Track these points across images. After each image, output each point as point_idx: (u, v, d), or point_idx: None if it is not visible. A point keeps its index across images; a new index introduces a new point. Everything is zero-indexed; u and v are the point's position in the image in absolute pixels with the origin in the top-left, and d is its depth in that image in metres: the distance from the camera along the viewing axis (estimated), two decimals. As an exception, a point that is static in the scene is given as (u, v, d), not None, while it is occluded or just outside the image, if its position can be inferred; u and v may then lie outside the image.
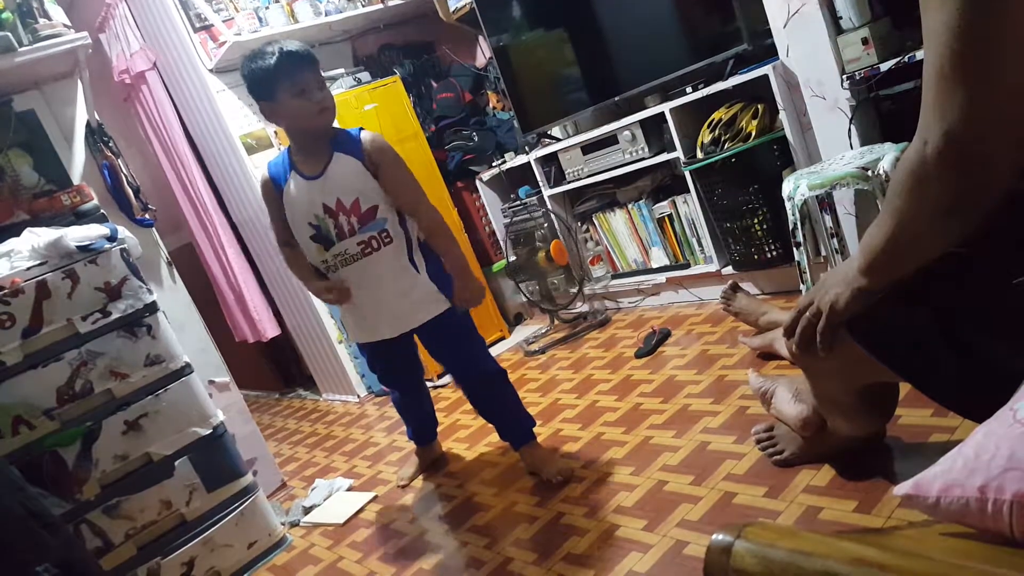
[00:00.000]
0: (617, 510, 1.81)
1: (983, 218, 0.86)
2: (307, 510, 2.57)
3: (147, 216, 2.98)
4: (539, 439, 2.37)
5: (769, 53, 2.57)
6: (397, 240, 2.01)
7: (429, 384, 3.46)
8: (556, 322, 3.58)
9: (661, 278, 3.21)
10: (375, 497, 2.48)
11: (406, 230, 2.04)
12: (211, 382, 2.83)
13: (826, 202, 2.50)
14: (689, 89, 2.78)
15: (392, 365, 2.34)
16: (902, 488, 0.83)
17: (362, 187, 1.96)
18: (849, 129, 2.38)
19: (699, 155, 2.74)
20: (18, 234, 2.20)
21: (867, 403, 1.40)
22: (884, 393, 1.43)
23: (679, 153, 2.85)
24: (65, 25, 2.59)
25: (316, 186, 1.96)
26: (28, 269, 2.07)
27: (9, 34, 2.41)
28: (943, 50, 0.78)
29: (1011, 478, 0.72)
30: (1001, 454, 0.74)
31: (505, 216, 3.68)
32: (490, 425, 2.31)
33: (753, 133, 2.60)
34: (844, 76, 2.31)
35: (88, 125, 2.90)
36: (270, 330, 3.87)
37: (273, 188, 2.06)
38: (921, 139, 0.83)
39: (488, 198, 3.77)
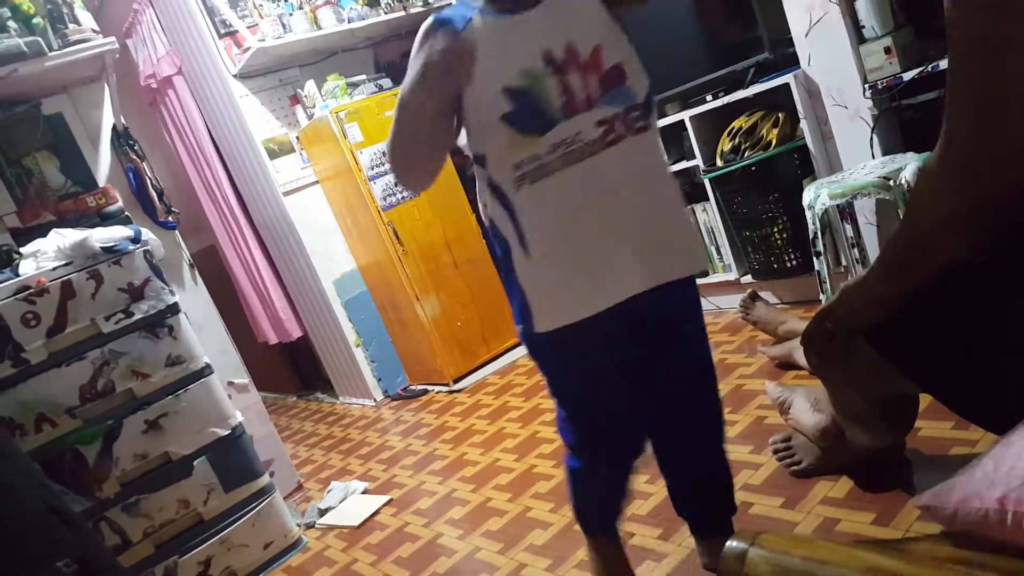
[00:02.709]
0: (632, 518, 1.80)
1: (1004, 228, 0.85)
2: (322, 512, 2.58)
3: (170, 218, 3.02)
4: (554, 445, 2.37)
5: (790, 62, 2.56)
6: (653, 129, 1.20)
7: (444, 389, 3.46)
8: (573, 329, 3.56)
9: (679, 286, 3.19)
10: (390, 500, 2.49)
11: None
12: (230, 383, 2.85)
13: (847, 211, 2.49)
14: (709, 97, 2.77)
15: (628, 372, 1.30)
16: (920, 499, 0.82)
17: (604, 29, 1.16)
18: (871, 138, 2.36)
19: (719, 163, 2.73)
20: (44, 235, 2.24)
21: (886, 414, 1.39)
22: (904, 404, 1.41)
23: (699, 161, 2.84)
24: (93, 30, 2.64)
25: (534, 20, 1.13)
26: (54, 269, 2.11)
27: (39, 39, 2.45)
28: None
29: (1031, 490, 0.71)
30: (1021, 466, 0.74)
31: (523, 222, 3.68)
32: (506, 430, 2.27)
33: (773, 141, 2.59)
34: (866, 85, 2.30)
35: (114, 128, 2.94)
36: (295, 331, 3.92)
37: (450, 42, 1.14)
38: (942, 146, 0.83)
39: (507, 204, 3.77)
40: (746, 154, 2.64)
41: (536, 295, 1.20)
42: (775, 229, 2.67)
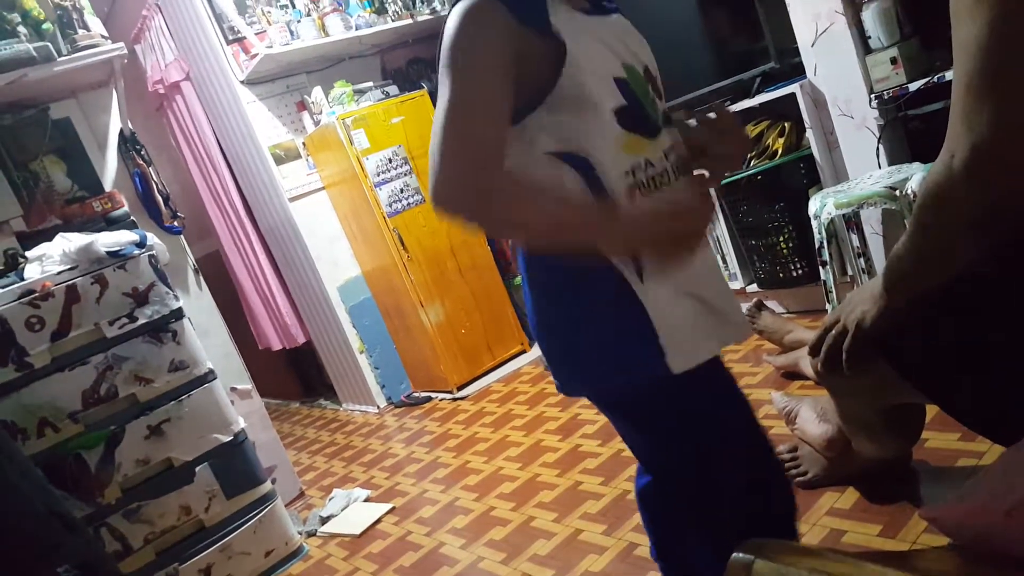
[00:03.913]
0: (636, 528, 1.79)
1: (1013, 238, 0.85)
2: (324, 520, 2.57)
3: (176, 224, 3.03)
4: (558, 454, 2.36)
5: (796, 71, 2.56)
6: None
7: (447, 396, 3.45)
8: (577, 337, 3.55)
9: (684, 295, 3.18)
10: (392, 508, 2.48)
11: None
12: (233, 389, 2.85)
13: (853, 221, 2.48)
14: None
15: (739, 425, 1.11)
16: (927, 511, 0.81)
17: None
18: (877, 148, 2.35)
19: (724, 172, 2.73)
20: (50, 239, 2.24)
21: (893, 424, 1.38)
22: (911, 415, 1.40)
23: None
24: (103, 36, 2.65)
25: (617, 24, 1.00)
26: (59, 273, 2.11)
27: (49, 44, 2.47)
28: (972, 63, 0.77)
29: (1041, 503, 0.70)
30: (1030, 478, 0.73)
31: (528, 230, 3.68)
32: (510, 438, 2.28)
33: (779, 151, 2.58)
34: (872, 95, 2.29)
35: (121, 133, 2.95)
36: (300, 336, 3.92)
37: (523, 22, 0.90)
38: (948, 152, 0.82)
39: (512, 212, 3.77)
40: (752, 163, 2.63)
41: (671, 325, 0.95)
42: (781, 238, 2.67)
